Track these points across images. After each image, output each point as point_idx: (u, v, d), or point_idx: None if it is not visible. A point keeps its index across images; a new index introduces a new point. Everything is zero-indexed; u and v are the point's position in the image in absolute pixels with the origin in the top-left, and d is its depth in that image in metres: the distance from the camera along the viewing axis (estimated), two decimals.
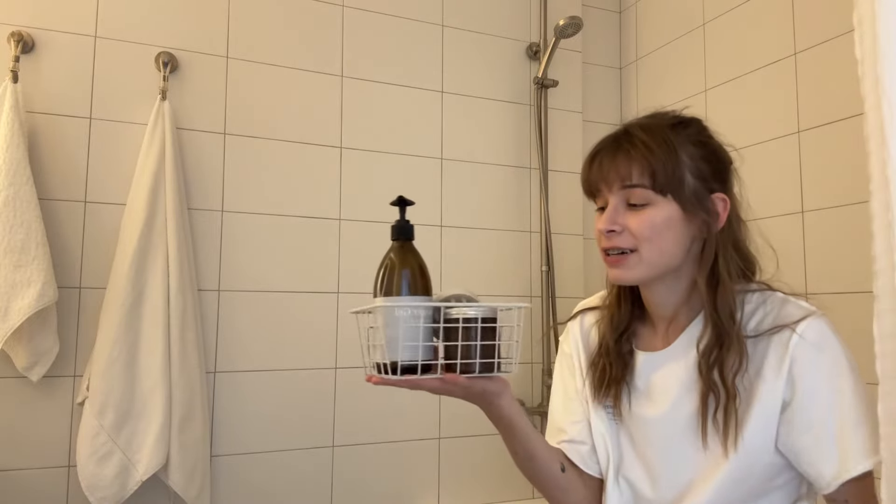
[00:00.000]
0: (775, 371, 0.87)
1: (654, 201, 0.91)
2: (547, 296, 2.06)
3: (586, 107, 2.26)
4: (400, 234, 0.88)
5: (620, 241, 0.92)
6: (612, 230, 0.92)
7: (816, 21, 1.63)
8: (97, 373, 1.52)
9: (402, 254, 0.86)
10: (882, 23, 0.75)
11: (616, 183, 0.92)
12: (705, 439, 0.89)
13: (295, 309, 1.82)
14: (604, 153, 0.95)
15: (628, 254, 0.92)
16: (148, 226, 1.59)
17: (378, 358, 0.83)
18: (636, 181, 0.91)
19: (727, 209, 0.94)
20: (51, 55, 1.63)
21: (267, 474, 1.76)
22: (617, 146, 0.94)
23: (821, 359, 0.86)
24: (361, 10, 1.96)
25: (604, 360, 1.02)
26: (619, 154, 0.93)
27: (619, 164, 0.92)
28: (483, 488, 1.94)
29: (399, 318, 0.81)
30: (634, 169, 0.91)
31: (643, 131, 0.93)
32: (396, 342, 0.81)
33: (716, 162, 0.95)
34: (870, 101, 0.77)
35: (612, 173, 0.93)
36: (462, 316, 0.82)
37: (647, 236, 0.90)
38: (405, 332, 0.81)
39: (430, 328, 0.82)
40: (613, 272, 0.94)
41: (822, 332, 0.86)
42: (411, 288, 0.83)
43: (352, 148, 1.92)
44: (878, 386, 0.74)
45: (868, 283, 0.78)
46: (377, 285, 0.85)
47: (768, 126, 1.74)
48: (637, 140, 0.92)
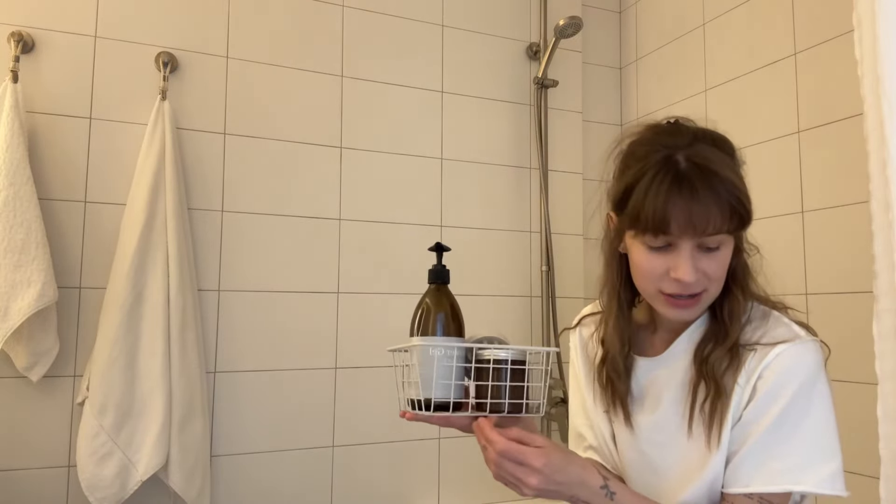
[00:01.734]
0: (745, 381, 0.88)
1: (726, 242, 0.87)
2: (547, 296, 2.06)
3: (586, 107, 2.26)
4: (436, 278, 0.93)
5: (696, 286, 0.87)
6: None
7: (816, 21, 1.63)
8: (97, 373, 1.52)
9: (437, 297, 0.91)
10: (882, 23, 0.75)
11: (706, 230, 0.84)
12: (690, 429, 0.91)
13: (295, 309, 1.82)
14: (686, 193, 0.83)
15: (699, 295, 0.88)
16: (148, 226, 1.59)
17: (412, 394, 0.87)
18: (720, 226, 0.84)
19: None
20: (51, 55, 1.63)
21: (267, 474, 1.76)
22: (705, 185, 0.83)
23: (782, 385, 0.86)
24: (361, 10, 1.96)
25: (608, 370, 1.02)
26: (710, 197, 0.83)
27: (711, 211, 0.83)
28: (483, 488, 1.94)
29: (433, 357, 0.86)
30: (724, 215, 0.83)
31: (722, 166, 0.85)
32: (430, 380, 0.85)
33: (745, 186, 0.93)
34: (869, 101, 0.77)
35: (703, 220, 0.82)
36: (493, 357, 0.86)
37: (719, 277, 0.88)
38: (439, 371, 0.86)
39: (462, 368, 0.87)
40: (680, 313, 0.91)
41: (795, 360, 0.86)
42: (445, 329, 0.89)
43: (352, 148, 1.92)
44: (877, 386, 0.74)
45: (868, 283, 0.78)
46: (414, 326, 0.91)
47: (768, 126, 1.74)
48: (725, 179, 0.84)
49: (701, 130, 0.93)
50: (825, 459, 0.84)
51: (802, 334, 0.88)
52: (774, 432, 0.85)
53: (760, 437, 0.86)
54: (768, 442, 0.85)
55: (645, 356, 1.01)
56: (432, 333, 0.88)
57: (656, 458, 0.96)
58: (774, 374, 0.86)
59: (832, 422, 0.86)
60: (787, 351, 0.86)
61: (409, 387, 0.88)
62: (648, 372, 0.99)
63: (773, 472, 0.85)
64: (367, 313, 1.89)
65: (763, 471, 0.85)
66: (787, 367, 0.86)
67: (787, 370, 0.86)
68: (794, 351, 0.86)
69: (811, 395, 0.86)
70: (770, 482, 0.84)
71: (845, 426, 0.88)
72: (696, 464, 0.91)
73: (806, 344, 0.87)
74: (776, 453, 0.85)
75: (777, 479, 0.84)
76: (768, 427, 0.85)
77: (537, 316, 2.08)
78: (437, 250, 0.94)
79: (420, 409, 0.86)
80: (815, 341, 0.89)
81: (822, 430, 0.85)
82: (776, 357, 0.86)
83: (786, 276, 1.62)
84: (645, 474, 0.99)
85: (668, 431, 0.95)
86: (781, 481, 0.84)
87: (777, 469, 0.84)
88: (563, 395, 2.02)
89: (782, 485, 0.84)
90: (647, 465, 0.98)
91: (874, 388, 0.78)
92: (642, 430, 0.98)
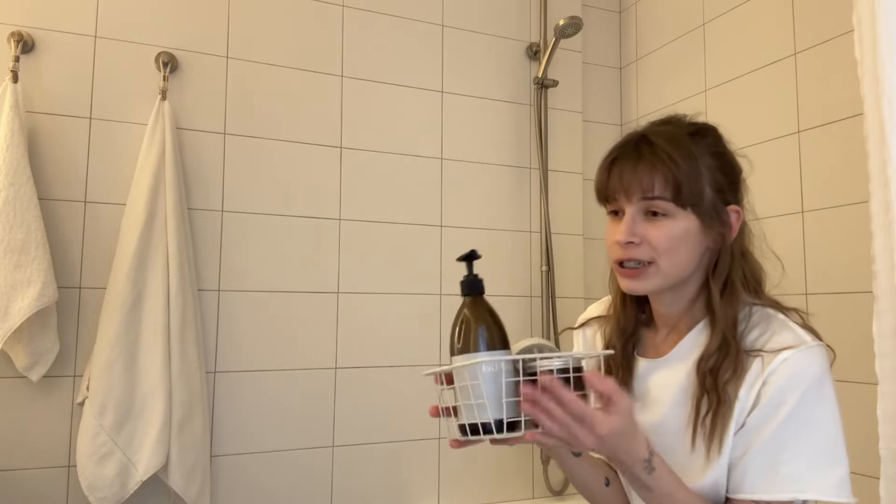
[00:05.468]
0: (749, 388, 0.87)
1: (673, 213, 0.89)
2: (547, 296, 2.06)
3: (586, 107, 2.26)
4: (471, 289, 0.86)
5: (638, 252, 0.90)
6: (631, 242, 0.90)
7: (816, 21, 1.63)
8: (97, 373, 1.52)
9: (475, 309, 0.84)
10: (882, 23, 0.76)
11: (637, 193, 0.90)
12: (694, 442, 0.90)
13: (295, 309, 1.82)
14: (624, 161, 0.92)
15: (645, 265, 0.91)
16: (148, 226, 1.59)
17: (464, 419, 0.80)
18: (658, 193, 0.88)
19: (740, 220, 0.93)
20: (51, 55, 1.63)
21: (267, 474, 1.76)
22: (638, 154, 0.90)
23: (787, 391, 0.85)
24: (361, 10, 1.96)
25: (609, 365, 1.02)
26: (640, 163, 0.90)
27: (642, 175, 0.89)
28: (483, 488, 1.94)
29: (486, 374, 0.78)
30: (658, 180, 0.88)
31: (665, 140, 0.90)
32: (493, 400, 0.78)
33: (731, 173, 0.95)
34: (869, 100, 0.77)
35: (634, 184, 0.89)
36: (547, 367, 0.79)
37: (665, 248, 0.89)
38: (489, 389, 0.78)
39: (513, 383, 0.79)
40: (628, 283, 0.93)
41: (801, 366, 0.85)
42: (489, 343, 0.81)
43: (352, 148, 1.92)
44: (877, 386, 0.74)
45: (868, 283, 0.78)
46: (454, 342, 0.83)
47: (768, 126, 1.74)
48: (660, 150, 0.89)
49: (684, 119, 0.96)
50: (832, 466, 0.83)
51: (808, 339, 0.87)
52: (780, 438, 0.84)
53: (765, 442, 0.85)
54: (773, 448, 0.84)
55: (647, 357, 1.01)
56: (475, 349, 0.80)
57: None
58: (780, 380, 0.85)
59: (839, 427, 0.85)
60: (793, 357, 0.85)
61: (463, 411, 0.80)
62: (649, 373, 0.99)
63: (779, 479, 0.84)
64: (367, 313, 1.89)
65: (769, 478, 0.84)
66: (792, 373, 0.85)
67: (793, 376, 0.84)
68: (799, 357, 0.85)
69: (817, 401, 0.84)
70: (776, 489, 0.84)
71: (845, 426, 0.88)
72: (697, 471, 0.90)
73: (812, 349, 0.86)
74: (782, 459, 0.84)
75: (783, 487, 0.83)
76: (773, 433, 0.84)
77: (537, 316, 2.08)
78: (467, 259, 0.86)
79: (476, 433, 0.79)
80: (820, 346, 0.87)
81: (829, 436, 0.84)
82: (781, 363, 0.85)
83: (786, 276, 1.62)
84: None
85: (668, 437, 0.94)
86: (788, 488, 0.83)
87: (783, 476, 0.83)
88: None
89: (789, 492, 0.83)
90: None
91: (874, 387, 0.78)
92: (645, 428, 0.98)
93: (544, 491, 2.01)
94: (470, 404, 0.78)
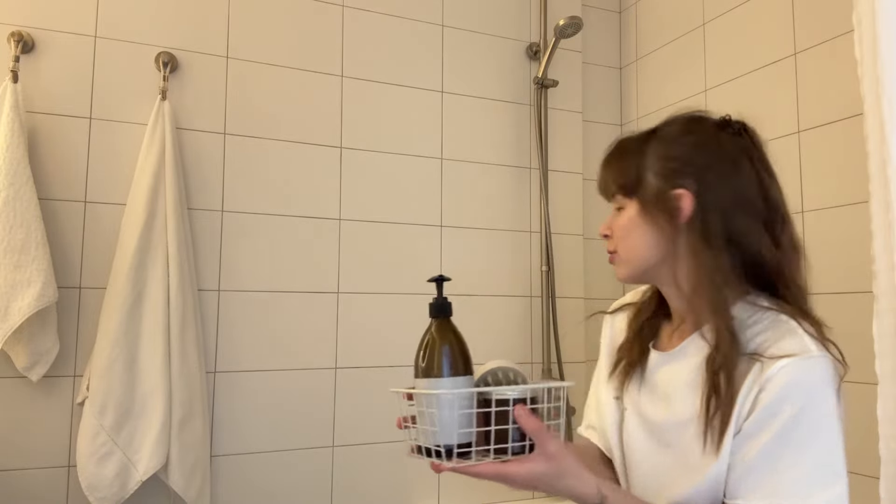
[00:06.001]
0: (747, 391, 0.85)
1: (625, 204, 0.98)
2: (547, 296, 2.06)
3: (586, 107, 2.26)
4: (439, 311, 0.87)
5: (609, 244, 1.01)
6: (606, 235, 1.01)
7: (816, 21, 1.63)
8: (97, 373, 1.52)
9: (441, 332, 0.85)
10: (881, 23, 0.76)
11: (607, 192, 1.02)
12: (706, 442, 0.89)
13: (295, 309, 1.82)
14: (602, 163, 1.03)
15: (613, 254, 1.00)
16: (148, 226, 1.59)
17: (422, 441, 0.83)
18: (614, 189, 0.99)
19: (692, 204, 0.90)
20: (51, 55, 1.63)
21: (267, 474, 1.76)
22: (607, 157, 1.02)
23: (783, 399, 0.83)
24: (361, 10, 1.96)
25: (626, 347, 1.06)
26: (604, 165, 1.02)
27: (606, 176, 1.01)
28: (483, 488, 1.94)
29: (441, 402, 0.80)
30: (610, 177, 1.00)
31: (625, 140, 1.01)
32: (437, 428, 0.80)
33: (692, 158, 0.93)
34: (869, 100, 0.77)
35: (602, 184, 1.02)
36: (501, 397, 0.80)
37: (619, 237, 0.98)
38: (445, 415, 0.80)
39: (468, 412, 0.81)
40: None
41: (799, 375, 0.82)
42: (452, 367, 0.82)
43: (352, 148, 1.92)
44: (877, 386, 0.74)
45: (868, 283, 0.78)
46: (418, 364, 0.85)
47: (768, 126, 1.73)
48: (616, 150, 1.01)
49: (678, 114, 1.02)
50: (825, 485, 0.81)
51: (813, 349, 0.83)
52: (777, 450, 0.82)
53: (761, 452, 0.83)
54: (770, 459, 0.83)
55: (658, 350, 1.02)
56: (437, 373, 0.82)
57: (660, 453, 0.97)
58: (776, 388, 0.82)
59: (839, 443, 0.82)
60: (792, 365, 0.82)
61: (419, 433, 0.84)
62: (659, 366, 1.00)
63: (775, 493, 0.82)
64: (367, 313, 1.89)
65: (766, 489, 0.83)
66: (788, 382, 0.82)
67: (789, 385, 0.82)
68: (799, 366, 0.82)
69: (815, 416, 0.82)
70: (772, 500, 0.82)
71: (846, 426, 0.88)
72: (697, 468, 0.90)
73: (814, 360, 0.83)
74: (778, 469, 0.82)
75: (780, 499, 0.81)
76: (768, 444, 0.83)
77: (537, 316, 2.08)
78: (437, 281, 0.88)
79: (429, 455, 0.82)
80: (825, 357, 0.83)
81: (824, 453, 0.82)
82: (780, 370, 0.82)
83: None
84: (648, 464, 0.99)
85: (674, 432, 0.94)
86: (785, 501, 0.81)
87: (780, 490, 0.82)
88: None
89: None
90: (652, 456, 0.98)
91: (874, 388, 0.78)
92: (649, 423, 0.99)
93: None
94: (425, 429, 0.81)
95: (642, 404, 1.00)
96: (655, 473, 0.97)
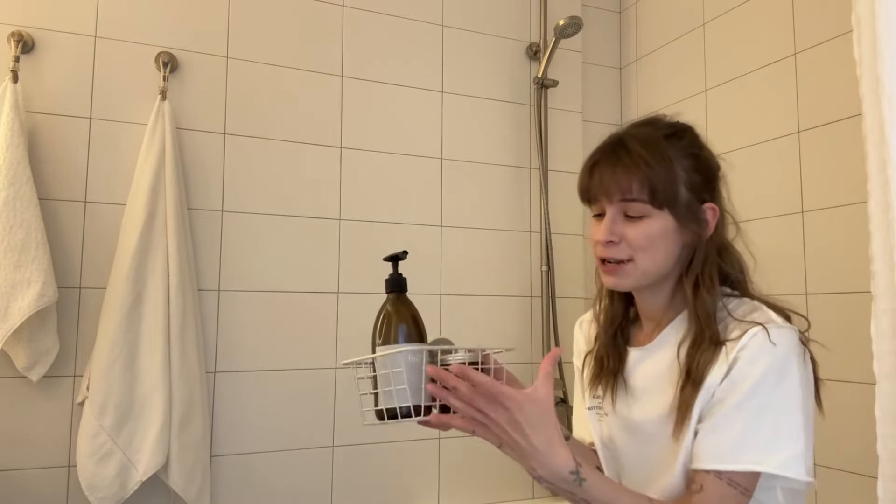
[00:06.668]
0: (720, 368, 0.90)
1: (650, 214, 0.94)
2: (547, 296, 2.06)
3: (586, 107, 2.26)
4: (394, 287, 0.93)
5: (617, 251, 0.95)
6: (611, 241, 0.95)
7: (816, 21, 1.63)
8: (97, 373, 1.52)
9: (396, 306, 0.91)
10: (881, 23, 0.75)
11: (616, 195, 0.95)
12: (676, 429, 0.92)
13: (295, 309, 1.82)
14: (603, 165, 0.97)
15: (624, 263, 0.95)
16: (148, 226, 1.59)
17: (384, 404, 0.87)
18: (635, 195, 0.93)
19: (716, 217, 0.97)
20: (51, 55, 1.64)
21: (267, 474, 1.76)
22: (616, 158, 0.96)
23: (751, 363, 0.88)
24: (361, 10, 1.96)
25: (601, 352, 1.06)
26: (618, 167, 0.95)
27: (619, 178, 0.94)
28: (483, 488, 1.94)
29: (412, 363, 0.85)
30: (634, 183, 0.93)
31: (641, 144, 0.95)
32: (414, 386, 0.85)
33: (706, 172, 0.99)
34: (868, 101, 0.77)
35: (613, 186, 0.95)
36: (454, 361, 0.86)
37: (643, 247, 0.94)
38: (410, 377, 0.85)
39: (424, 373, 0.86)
40: (609, 280, 0.98)
41: (766, 341, 0.87)
42: (407, 338, 0.89)
43: (352, 148, 1.92)
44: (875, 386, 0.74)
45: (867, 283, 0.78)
46: (376, 336, 0.91)
47: (768, 126, 1.74)
48: (636, 154, 0.94)
49: (662, 120, 1.01)
50: (791, 442, 0.86)
51: (779, 321, 0.90)
52: (741, 410, 0.87)
53: (726, 413, 0.87)
54: (734, 420, 0.87)
55: (635, 346, 1.04)
56: (394, 342, 0.88)
57: (646, 450, 0.99)
58: (747, 353, 0.88)
59: (800, 406, 0.87)
60: (760, 333, 0.88)
61: (385, 396, 0.87)
62: (637, 364, 1.02)
63: (736, 451, 0.86)
64: (367, 313, 1.88)
65: (727, 449, 0.87)
66: (758, 348, 0.88)
67: (758, 350, 0.88)
68: (766, 333, 0.88)
69: (780, 378, 0.87)
70: (732, 460, 0.86)
71: (844, 426, 0.88)
72: (675, 455, 0.92)
73: (781, 329, 0.89)
74: (741, 432, 0.86)
75: (739, 458, 0.86)
76: (735, 404, 0.87)
77: (537, 316, 2.08)
78: (392, 260, 0.94)
79: (393, 417, 0.86)
80: (791, 328, 0.91)
81: (789, 412, 0.87)
82: (751, 339, 0.88)
83: (786, 276, 1.62)
84: (636, 464, 1.01)
85: (652, 426, 0.97)
86: (743, 459, 0.85)
87: (741, 447, 0.86)
88: (563, 395, 2.02)
89: (744, 464, 0.85)
90: (639, 456, 1.00)
91: (873, 388, 0.78)
92: (632, 421, 1.01)
93: (544, 491, 2.01)
94: (390, 391, 0.85)
95: (623, 407, 1.02)
96: (644, 468, 0.99)
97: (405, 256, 0.94)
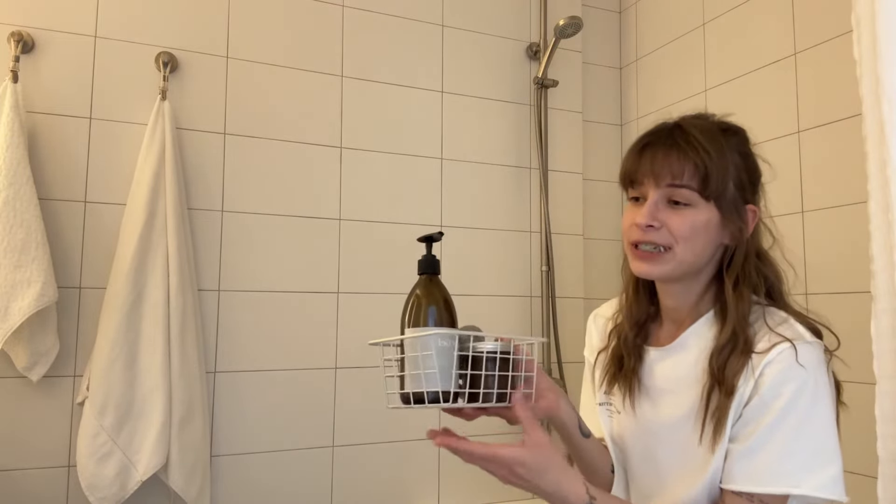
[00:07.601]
0: (746, 379, 0.88)
1: (696, 203, 0.91)
2: (547, 296, 2.06)
3: (586, 107, 2.26)
4: (427, 268, 0.89)
5: (657, 237, 0.92)
6: (651, 225, 0.92)
7: (816, 21, 1.63)
8: (97, 373, 1.52)
9: (429, 288, 0.88)
10: (881, 23, 0.76)
11: (665, 179, 0.91)
12: (703, 434, 0.90)
13: (295, 309, 1.82)
14: (656, 146, 0.93)
15: (662, 251, 0.92)
16: (148, 226, 1.59)
17: (411, 388, 0.83)
18: (686, 181, 0.90)
19: (755, 220, 0.96)
20: (51, 55, 1.63)
21: (267, 474, 1.76)
22: (672, 141, 0.92)
23: (782, 382, 0.86)
24: (361, 10, 1.96)
25: (620, 351, 1.04)
26: (673, 149, 0.91)
27: (673, 161, 0.91)
28: (483, 488, 1.94)
29: (443, 348, 0.82)
30: (687, 169, 0.90)
31: (700, 132, 0.92)
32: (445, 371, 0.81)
33: (753, 174, 0.97)
34: (868, 101, 0.77)
35: (665, 169, 0.91)
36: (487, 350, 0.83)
37: (685, 237, 0.91)
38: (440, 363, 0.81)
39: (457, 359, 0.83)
40: (641, 266, 0.94)
41: (794, 360, 0.85)
42: (438, 322, 0.85)
43: (352, 148, 1.92)
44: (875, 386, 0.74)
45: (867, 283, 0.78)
46: (406, 318, 0.87)
47: (768, 126, 1.73)
48: (694, 139, 0.91)
49: (714, 117, 0.99)
50: (826, 463, 0.84)
51: (807, 336, 0.88)
52: (775, 432, 0.85)
53: (760, 434, 0.85)
54: (769, 442, 0.85)
55: (654, 346, 1.02)
56: (424, 325, 0.84)
57: (659, 452, 0.97)
58: (775, 371, 0.86)
59: (833, 424, 0.86)
60: (789, 350, 0.86)
61: (412, 380, 0.83)
62: (656, 363, 1.00)
63: (773, 473, 0.84)
64: (367, 313, 1.89)
65: (763, 471, 0.85)
66: (787, 366, 0.85)
67: (788, 368, 0.85)
68: (793, 352, 0.86)
69: (813, 398, 0.85)
70: (770, 483, 0.84)
71: (844, 426, 0.88)
72: (700, 464, 0.91)
73: (810, 345, 0.87)
74: (777, 453, 0.84)
75: (777, 481, 0.84)
76: (769, 425, 0.85)
77: (537, 316, 2.08)
78: (426, 241, 0.90)
79: (418, 402, 0.82)
80: (817, 343, 0.88)
81: (824, 432, 0.85)
82: (778, 355, 0.86)
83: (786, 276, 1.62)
84: (647, 465, 0.99)
85: (673, 428, 0.95)
86: (781, 483, 0.84)
87: (777, 470, 0.84)
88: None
89: (782, 486, 0.84)
90: (651, 457, 0.98)
91: (873, 388, 0.78)
92: (647, 421, 0.99)
93: None
94: (418, 374, 0.81)
95: (637, 406, 1.00)
96: (655, 473, 0.97)
97: (440, 237, 0.89)
